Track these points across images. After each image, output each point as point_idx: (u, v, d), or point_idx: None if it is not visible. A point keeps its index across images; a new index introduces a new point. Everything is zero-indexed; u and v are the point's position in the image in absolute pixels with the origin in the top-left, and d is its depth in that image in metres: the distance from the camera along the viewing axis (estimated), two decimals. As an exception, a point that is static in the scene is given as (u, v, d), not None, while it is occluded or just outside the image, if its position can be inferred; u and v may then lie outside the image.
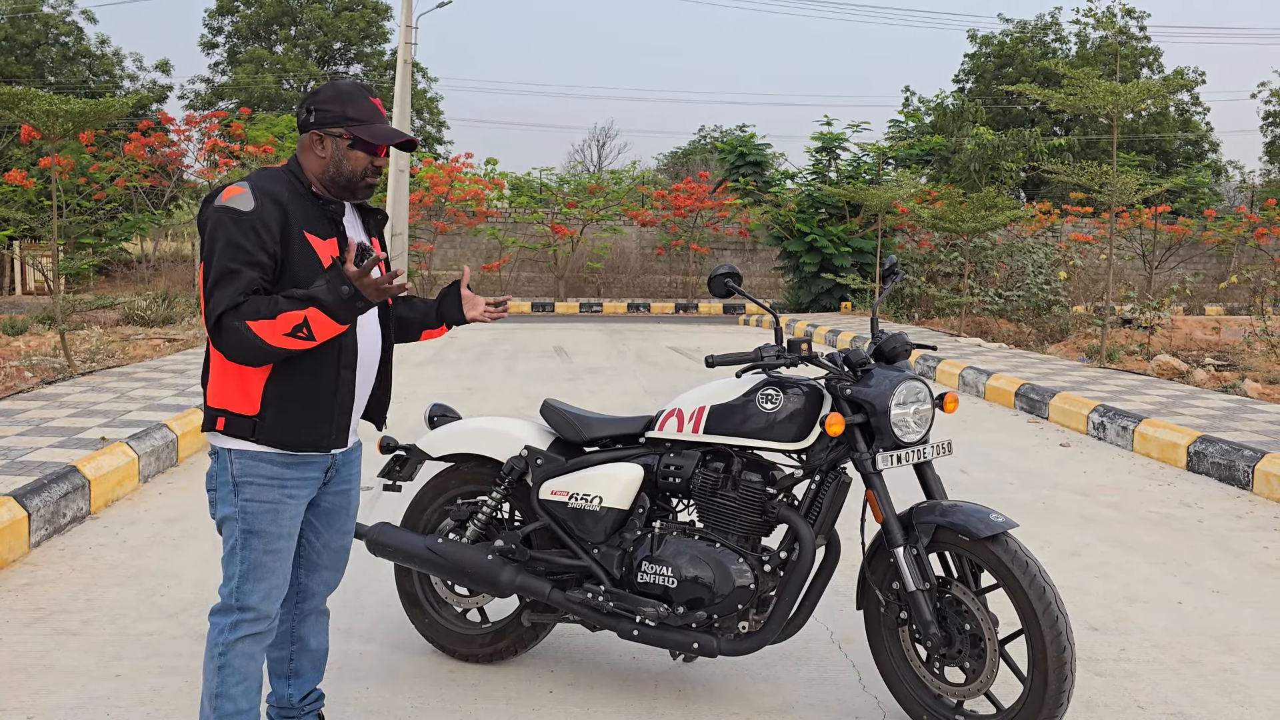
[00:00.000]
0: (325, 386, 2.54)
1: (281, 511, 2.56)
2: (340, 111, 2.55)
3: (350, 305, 2.39)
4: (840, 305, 21.53)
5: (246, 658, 2.57)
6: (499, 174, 27.97)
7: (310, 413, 2.53)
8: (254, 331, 2.37)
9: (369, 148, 2.57)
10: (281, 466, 2.54)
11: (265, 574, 2.56)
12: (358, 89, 2.60)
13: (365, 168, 2.59)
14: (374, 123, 2.57)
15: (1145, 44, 40.18)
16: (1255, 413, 7.73)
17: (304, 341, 2.40)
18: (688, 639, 3.10)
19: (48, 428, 6.44)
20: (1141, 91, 11.08)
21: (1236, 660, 3.65)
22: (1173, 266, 24.87)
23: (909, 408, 2.98)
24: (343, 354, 2.55)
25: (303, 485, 2.60)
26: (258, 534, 2.54)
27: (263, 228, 2.43)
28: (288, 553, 2.60)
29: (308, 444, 2.55)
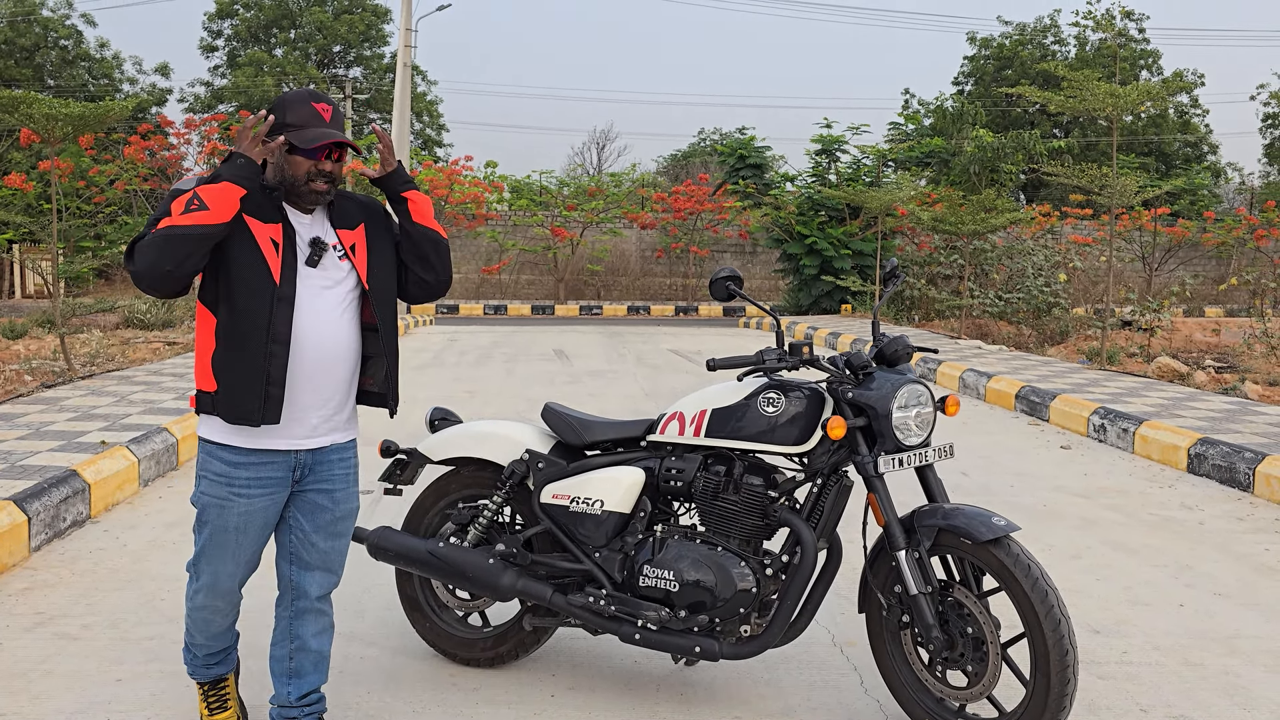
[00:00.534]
0: (254, 359, 2.61)
1: (227, 509, 2.70)
2: (280, 119, 2.64)
3: (233, 163, 2.55)
4: (840, 308, 21.54)
5: (205, 621, 2.86)
6: (499, 177, 27.99)
7: (241, 384, 2.62)
8: (157, 227, 2.51)
9: (306, 152, 2.62)
10: (230, 466, 2.68)
11: (213, 559, 2.76)
12: (302, 95, 2.67)
13: (307, 172, 2.65)
14: (309, 127, 2.63)
15: (1144, 46, 40.23)
16: (1256, 415, 7.73)
17: (199, 213, 2.49)
18: (689, 643, 3.10)
19: (48, 431, 6.43)
20: (1141, 94, 11.09)
21: (1238, 663, 3.64)
22: (1172, 268, 24.88)
23: (911, 411, 2.98)
24: (274, 328, 2.62)
25: (255, 485, 2.69)
26: (205, 524, 2.74)
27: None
28: (235, 546, 2.74)
29: (240, 416, 2.63)
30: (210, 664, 2.98)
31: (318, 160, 2.65)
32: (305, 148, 2.61)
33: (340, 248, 2.76)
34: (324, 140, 2.61)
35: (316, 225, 2.75)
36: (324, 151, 2.64)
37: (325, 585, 2.90)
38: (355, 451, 2.91)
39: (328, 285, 2.72)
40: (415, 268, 2.89)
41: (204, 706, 3.00)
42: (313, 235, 2.73)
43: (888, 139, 27.72)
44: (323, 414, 2.75)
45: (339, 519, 2.86)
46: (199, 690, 3.02)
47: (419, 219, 2.85)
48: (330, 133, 2.62)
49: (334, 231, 2.77)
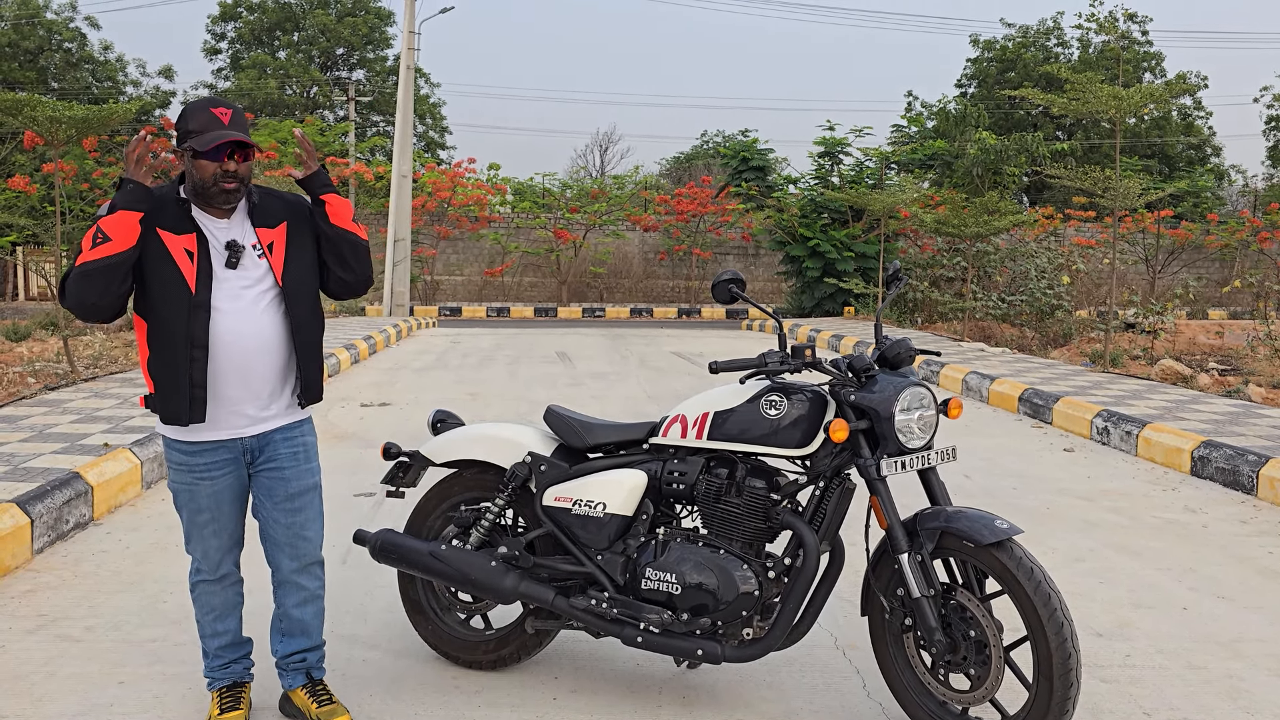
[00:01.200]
0: (178, 364, 2.82)
1: (195, 491, 2.95)
2: (183, 128, 2.81)
3: (123, 189, 2.73)
4: (843, 310, 21.53)
5: (205, 595, 3.08)
6: (501, 179, 28.01)
7: (168, 389, 2.84)
8: (74, 264, 2.73)
9: (209, 155, 2.77)
10: (186, 454, 2.93)
11: (197, 540, 3.02)
12: (201, 103, 2.82)
13: (214, 174, 2.79)
14: (208, 131, 2.77)
15: (1147, 48, 40.18)
16: (1259, 417, 7.71)
17: (104, 245, 2.69)
18: (692, 646, 3.10)
19: (51, 434, 6.44)
20: (1144, 96, 11.09)
21: (1242, 666, 3.64)
22: (1176, 271, 24.86)
23: (913, 413, 2.97)
24: (191, 336, 2.81)
25: (214, 468, 2.94)
26: (182, 509, 3.00)
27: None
28: (212, 525, 2.99)
29: (172, 417, 2.86)
30: (225, 662, 3.12)
31: (221, 162, 2.79)
32: (204, 150, 2.75)
33: (259, 247, 2.90)
34: (219, 141, 2.73)
35: (235, 227, 2.91)
36: (226, 152, 2.78)
37: (296, 559, 3.09)
38: (306, 429, 3.09)
39: (247, 285, 2.88)
40: (335, 267, 3.03)
41: (215, 707, 3.09)
42: (229, 238, 2.88)
43: (890, 141, 27.72)
44: (257, 405, 2.94)
45: (293, 495, 3.03)
46: (215, 696, 3.12)
47: (336, 220, 2.97)
48: (225, 133, 2.75)
49: (254, 231, 2.91)
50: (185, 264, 2.80)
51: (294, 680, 3.19)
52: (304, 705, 3.13)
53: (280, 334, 2.93)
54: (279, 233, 2.94)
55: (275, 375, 2.95)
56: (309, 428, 3.11)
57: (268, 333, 2.90)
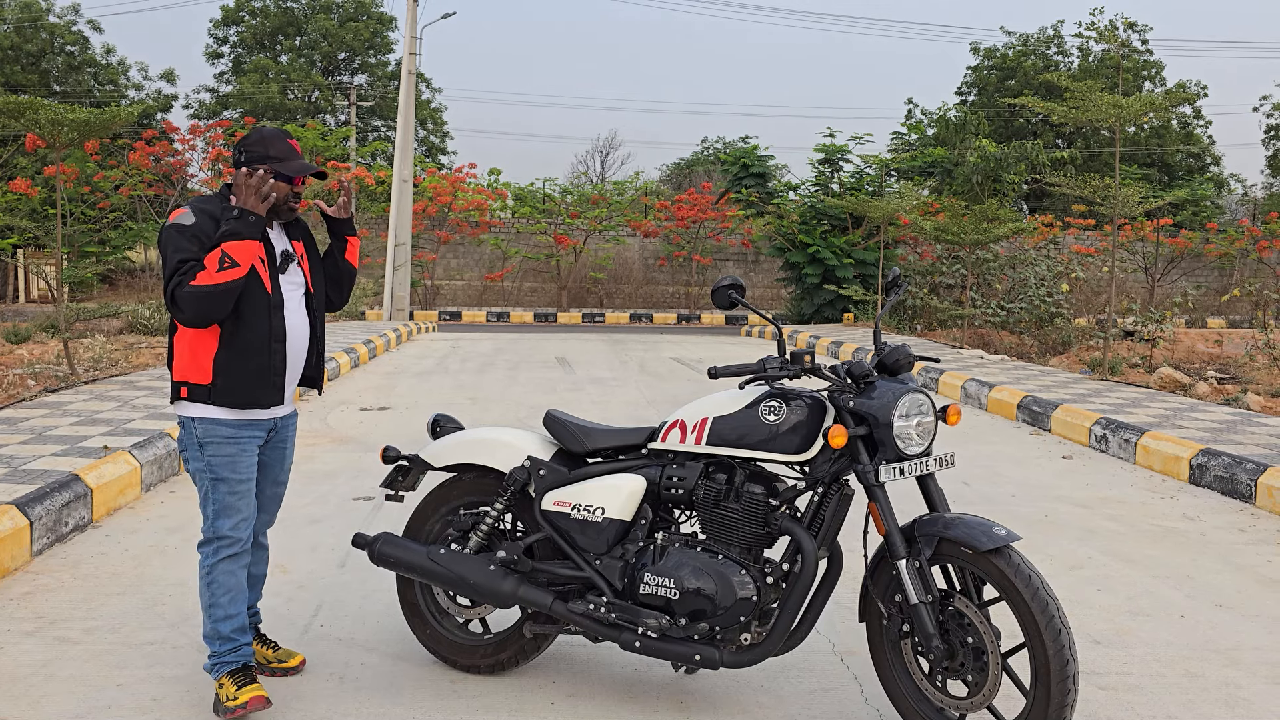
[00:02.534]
0: (262, 357, 3.21)
1: (239, 461, 3.24)
2: (264, 152, 3.24)
3: (245, 220, 3.09)
4: (843, 317, 21.55)
5: (228, 574, 3.25)
6: (502, 184, 28.05)
7: (253, 378, 3.21)
8: (196, 283, 3.04)
9: (288, 179, 3.26)
10: (235, 427, 3.23)
11: (233, 510, 3.24)
12: (278, 133, 3.30)
13: (287, 195, 3.28)
14: (290, 159, 3.26)
15: (1147, 57, 40.28)
16: (1258, 426, 7.72)
17: (232, 270, 3.05)
18: (690, 651, 3.10)
19: (50, 436, 6.44)
20: (1143, 104, 11.11)
21: (1239, 674, 3.64)
22: (1175, 279, 24.89)
23: (912, 420, 2.98)
24: (273, 331, 3.23)
25: (254, 439, 3.29)
26: (223, 480, 3.22)
27: (201, 234, 3.12)
28: (249, 490, 3.28)
29: (253, 404, 3.22)
30: (236, 645, 3.24)
31: (295, 185, 3.28)
32: (290, 176, 3.25)
33: (294, 255, 3.37)
34: (308, 172, 3.28)
35: (279, 237, 3.35)
36: (300, 178, 3.28)
37: (268, 524, 3.53)
38: (296, 414, 3.55)
39: (293, 288, 3.34)
40: (330, 291, 3.55)
41: (232, 686, 3.17)
42: (281, 248, 3.33)
43: (891, 148, 27.78)
44: (290, 391, 3.39)
45: (285, 471, 3.50)
46: (227, 679, 3.20)
47: (349, 258, 3.54)
48: (312, 166, 3.30)
49: (289, 242, 3.38)
50: (262, 270, 3.21)
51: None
52: (261, 656, 3.46)
53: (309, 329, 3.39)
54: (301, 246, 3.43)
55: (303, 364, 3.40)
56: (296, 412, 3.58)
57: (305, 329, 3.37)
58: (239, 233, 3.09)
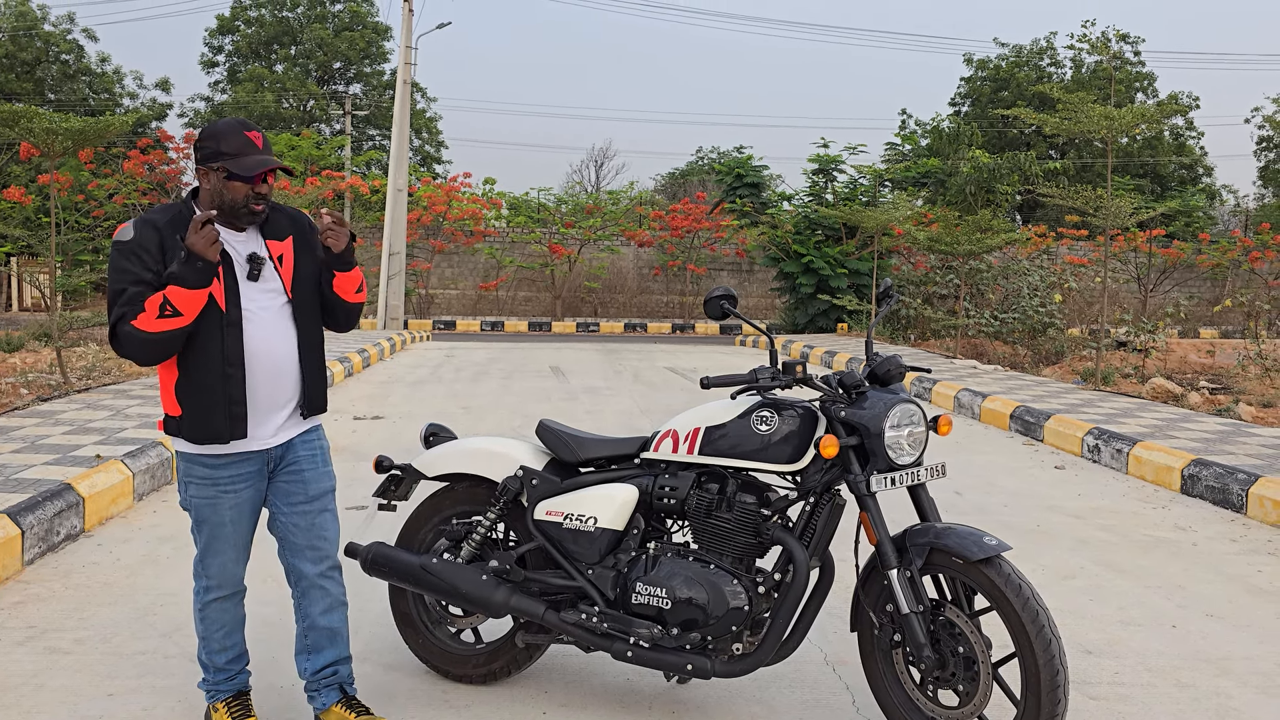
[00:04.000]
0: (213, 384, 2.87)
1: (219, 505, 2.97)
2: (215, 148, 2.87)
3: (192, 267, 2.73)
4: (837, 326, 21.58)
5: (219, 612, 3.08)
6: (497, 194, 28.08)
7: (205, 409, 2.88)
8: (135, 328, 2.76)
9: (243, 178, 2.86)
10: (212, 468, 2.95)
11: (215, 554, 3.03)
12: (232, 125, 2.92)
13: (245, 195, 2.89)
14: (245, 155, 2.86)
15: (1140, 69, 40.49)
16: (1249, 436, 7.75)
17: (173, 319, 2.75)
18: (682, 660, 3.10)
19: (43, 445, 6.43)
20: (1135, 116, 11.17)
21: (1230, 684, 3.65)
22: (1167, 289, 24.97)
23: (903, 430, 2.99)
24: (226, 354, 2.87)
25: (238, 481, 2.97)
26: (202, 523, 3.00)
27: (140, 250, 2.81)
28: (232, 537, 3.01)
29: (208, 437, 2.89)
30: (231, 674, 3.12)
31: (254, 184, 2.89)
32: (244, 175, 2.85)
33: (270, 259, 2.98)
34: (264, 168, 2.85)
35: (250, 240, 2.98)
36: (259, 175, 2.89)
37: (318, 562, 3.11)
38: (320, 434, 3.17)
39: (270, 296, 2.96)
40: (326, 319, 3.18)
41: (226, 717, 3.10)
42: (249, 251, 2.95)
43: (884, 159, 27.87)
44: (283, 415, 3.02)
45: (313, 498, 3.08)
46: (222, 706, 3.11)
47: (338, 290, 3.08)
48: (268, 160, 2.88)
49: (264, 244, 2.99)
50: (215, 284, 2.84)
51: (328, 698, 3.13)
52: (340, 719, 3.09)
53: (294, 344, 3.01)
54: (287, 245, 3.03)
55: (294, 384, 3.02)
56: (322, 432, 3.19)
57: (289, 344, 2.99)
58: (184, 280, 2.73)
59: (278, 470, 3.05)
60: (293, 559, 3.10)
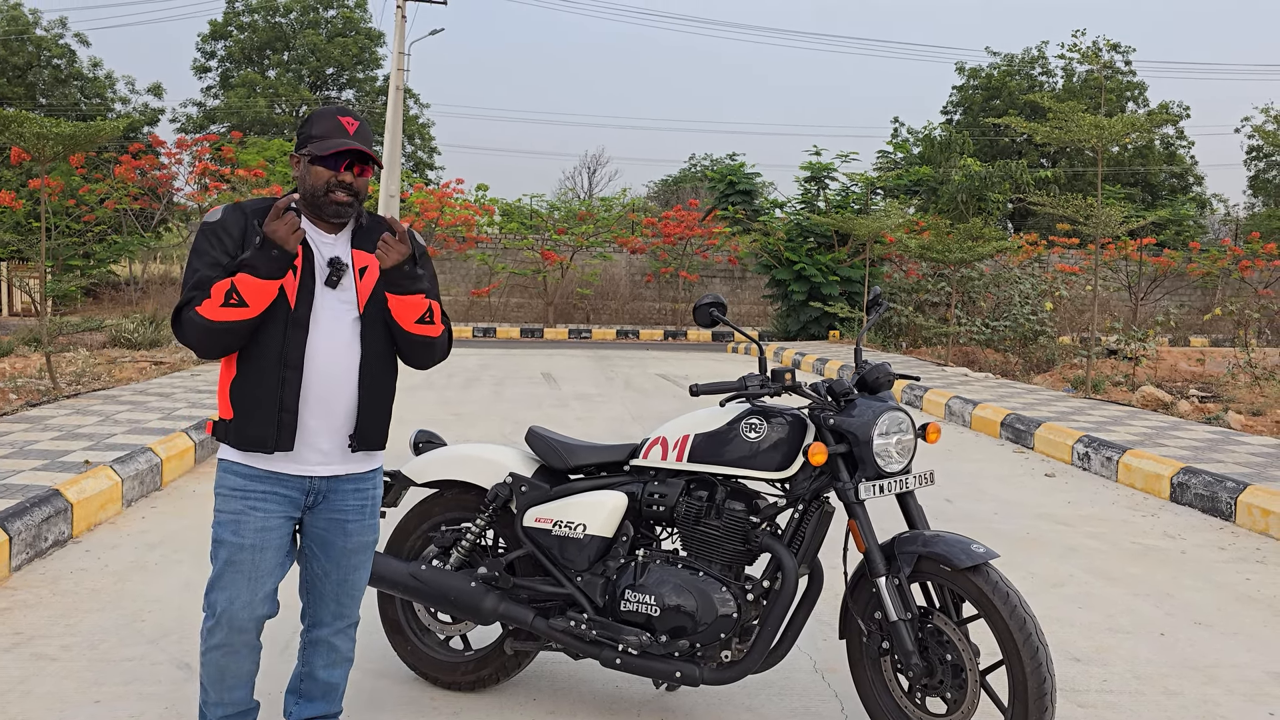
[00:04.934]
0: (268, 384, 2.63)
1: (243, 523, 2.65)
2: (306, 132, 2.69)
3: (266, 255, 2.51)
4: (828, 334, 21.62)
5: (222, 660, 2.72)
6: (489, 200, 28.07)
7: (255, 410, 2.64)
8: (198, 314, 2.55)
9: (326, 162, 2.64)
10: (245, 479, 2.67)
11: (226, 584, 2.66)
12: (330, 110, 2.70)
13: (327, 182, 2.65)
14: (330, 138, 2.63)
15: (1131, 78, 40.70)
16: (1238, 444, 7.78)
17: (238, 309, 2.53)
18: (670, 668, 3.10)
19: (31, 450, 6.40)
20: (1126, 125, 11.22)
21: (1218, 691, 3.66)
22: (1158, 298, 25.07)
23: (891, 438, 3.00)
24: (286, 353, 2.63)
25: (270, 500, 2.67)
26: (220, 543, 2.67)
27: (223, 232, 2.63)
28: (250, 567, 2.65)
29: (253, 442, 2.64)
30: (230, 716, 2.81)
31: (338, 171, 2.64)
32: (322, 155, 2.62)
33: (346, 266, 2.70)
34: (338, 148, 2.60)
35: (339, 245, 2.74)
36: (344, 163, 2.64)
37: (340, 617, 2.87)
38: (375, 481, 2.85)
39: (344, 307, 2.69)
40: (400, 357, 2.83)
41: None
42: (333, 254, 2.70)
43: (876, 167, 27.97)
44: (334, 440, 2.71)
45: (351, 551, 2.81)
46: None
47: (395, 315, 2.73)
48: (344, 141, 2.61)
49: (352, 252, 2.73)
50: (288, 278, 2.61)
51: None
52: None
53: (356, 362, 2.71)
54: (374, 259, 2.73)
55: (350, 409, 2.72)
56: (378, 479, 2.87)
57: (351, 361, 2.71)
58: (256, 267, 2.51)
59: (318, 508, 2.75)
60: (314, 606, 2.88)
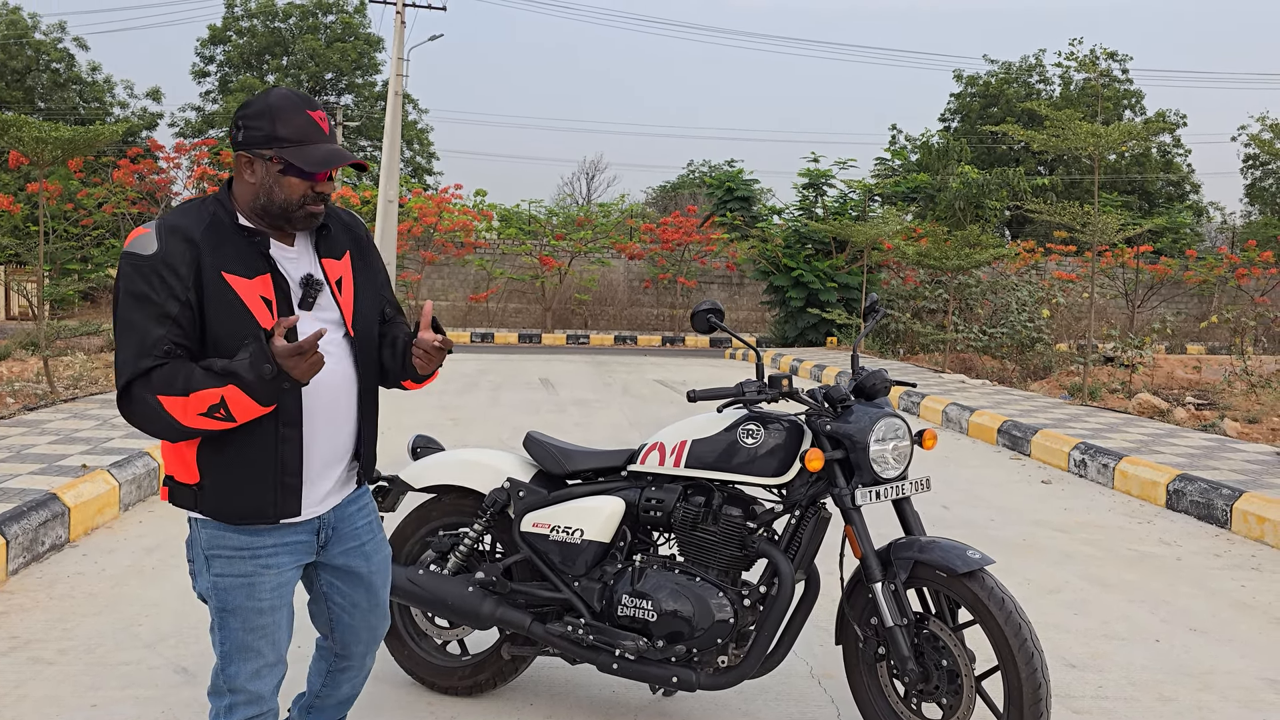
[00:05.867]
0: (263, 450, 2.20)
1: (257, 585, 2.25)
2: (269, 130, 2.17)
3: (274, 386, 2.07)
4: (826, 340, 21.64)
5: None
6: (488, 205, 28.08)
7: (248, 481, 2.21)
8: (165, 408, 2.07)
9: (304, 173, 2.19)
10: (250, 535, 2.25)
11: (250, 654, 2.28)
12: (293, 100, 2.20)
13: (303, 195, 2.21)
14: (309, 143, 2.18)
15: (1128, 86, 40.80)
16: (1234, 451, 7.80)
17: (222, 423, 2.09)
18: (667, 673, 3.11)
19: (29, 454, 6.40)
20: (1122, 133, 11.25)
21: (1213, 698, 3.67)
22: (1155, 305, 25.11)
23: (888, 444, 3.01)
24: (281, 411, 2.19)
25: (282, 552, 2.28)
26: (230, 612, 2.26)
27: (168, 271, 2.10)
28: (274, 628, 2.30)
29: (250, 515, 2.23)
30: None
31: (315, 181, 2.21)
32: (309, 171, 2.18)
33: (321, 282, 2.31)
34: (335, 164, 2.18)
35: (303, 256, 2.31)
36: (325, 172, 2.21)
37: (372, 643, 2.60)
38: (368, 492, 2.60)
39: (334, 328, 2.32)
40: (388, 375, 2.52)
41: None
42: (302, 272, 2.29)
43: (874, 174, 28.01)
44: (336, 475, 2.39)
45: (375, 573, 2.52)
46: None
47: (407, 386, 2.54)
48: (340, 153, 2.21)
49: (319, 262, 2.33)
50: (264, 316, 2.17)
51: None
52: None
53: (355, 390, 2.38)
54: (345, 266, 2.38)
55: (350, 439, 2.40)
56: (369, 490, 2.63)
57: (351, 393, 2.36)
58: (256, 393, 2.06)
59: (332, 545, 2.41)
60: (345, 638, 2.55)
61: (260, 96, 2.21)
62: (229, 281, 2.16)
